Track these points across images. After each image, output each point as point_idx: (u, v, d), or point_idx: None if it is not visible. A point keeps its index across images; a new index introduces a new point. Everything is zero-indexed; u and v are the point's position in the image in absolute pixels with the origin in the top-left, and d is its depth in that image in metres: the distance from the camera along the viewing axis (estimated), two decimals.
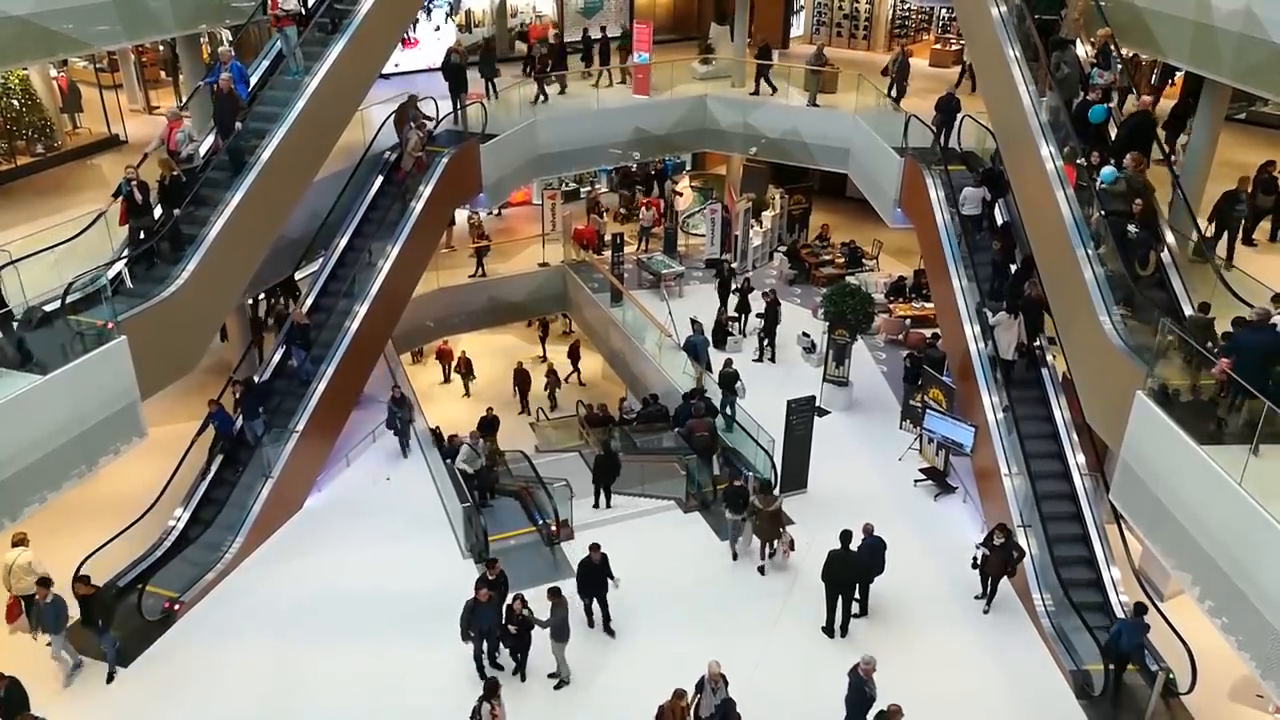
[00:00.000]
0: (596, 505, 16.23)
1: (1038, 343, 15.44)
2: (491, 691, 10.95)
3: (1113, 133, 14.01)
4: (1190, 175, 14.52)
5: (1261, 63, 12.22)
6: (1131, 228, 12.29)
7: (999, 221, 17.32)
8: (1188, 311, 11.63)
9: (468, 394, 23.52)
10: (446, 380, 24.35)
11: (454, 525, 15.18)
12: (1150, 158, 13.19)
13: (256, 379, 15.79)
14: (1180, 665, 11.69)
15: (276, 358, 16.34)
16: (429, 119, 18.92)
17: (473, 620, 12.10)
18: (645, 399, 19.46)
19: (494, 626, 12.20)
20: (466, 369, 23.65)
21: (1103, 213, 12.76)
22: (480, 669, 12.39)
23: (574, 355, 24.68)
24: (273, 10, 15.89)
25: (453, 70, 19.81)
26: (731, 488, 15.09)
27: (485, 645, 12.37)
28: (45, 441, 10.70)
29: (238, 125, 14.34)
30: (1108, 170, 12.90)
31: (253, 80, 16.01)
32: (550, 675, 12.38)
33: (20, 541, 12.37)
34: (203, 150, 14.65)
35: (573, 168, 24.56)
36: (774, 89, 23.15)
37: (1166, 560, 10.47)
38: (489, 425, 18.56)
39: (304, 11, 16.23)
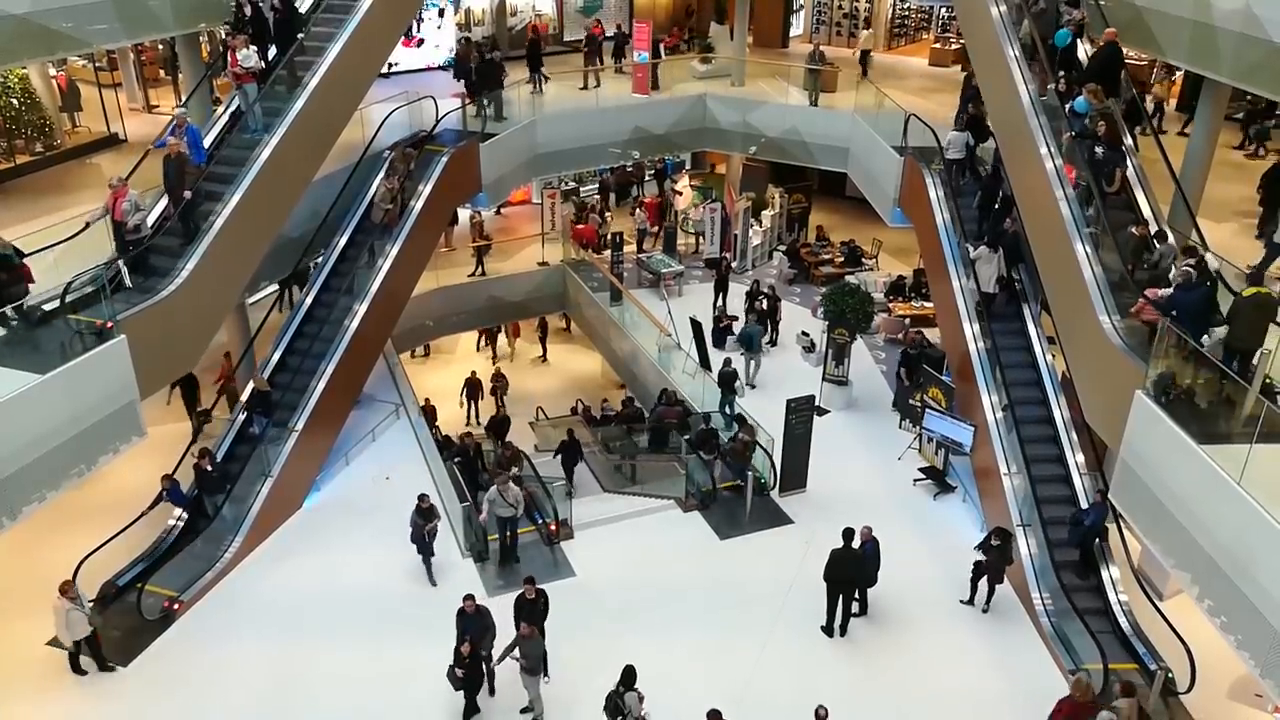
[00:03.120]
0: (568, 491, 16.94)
1: (1016, 276, 16.03)
2: (629, 680, 10.78)
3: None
4: (1190, 175, 14.55)
5: (1260, 62, 12.23)
6: (1098, 149, 13.25)
7: (980, 164, 17.69)
8: (1153, 229, 12.64)
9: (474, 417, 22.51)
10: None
11: (454, 525, 15.17)
12: (1119, 86, 14.16)
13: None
14: (1180, 665, 11.69)
15: (236, 426, 15.43)
16: (410, 172, 17.92)
17: (463, 630, 11.64)
18: (623, 401, 19.78)
19: (482, 638, 11.71)
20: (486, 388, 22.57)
21: (1073, 134, 13.64)
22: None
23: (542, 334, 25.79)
24: (232, 67, 15.19)
25: (487, 67, 19.70)
26: (704, 430, 16.44)
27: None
28: (45, 440, 10.70)
29: (187, 194, 13.44)
30: (1081, 100, 13.62)
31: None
32: (523, 710, 11.90)
33: (62, 591, 11.94)
34: (151, 219, 13.60)
35: (572, 167, 24.59)
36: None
37: (1166, 559, 10.47)
38: (500, 426, 18.54)
39: (265, 65, 15.49)
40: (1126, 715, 10.64)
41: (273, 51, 15.90)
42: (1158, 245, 12.20)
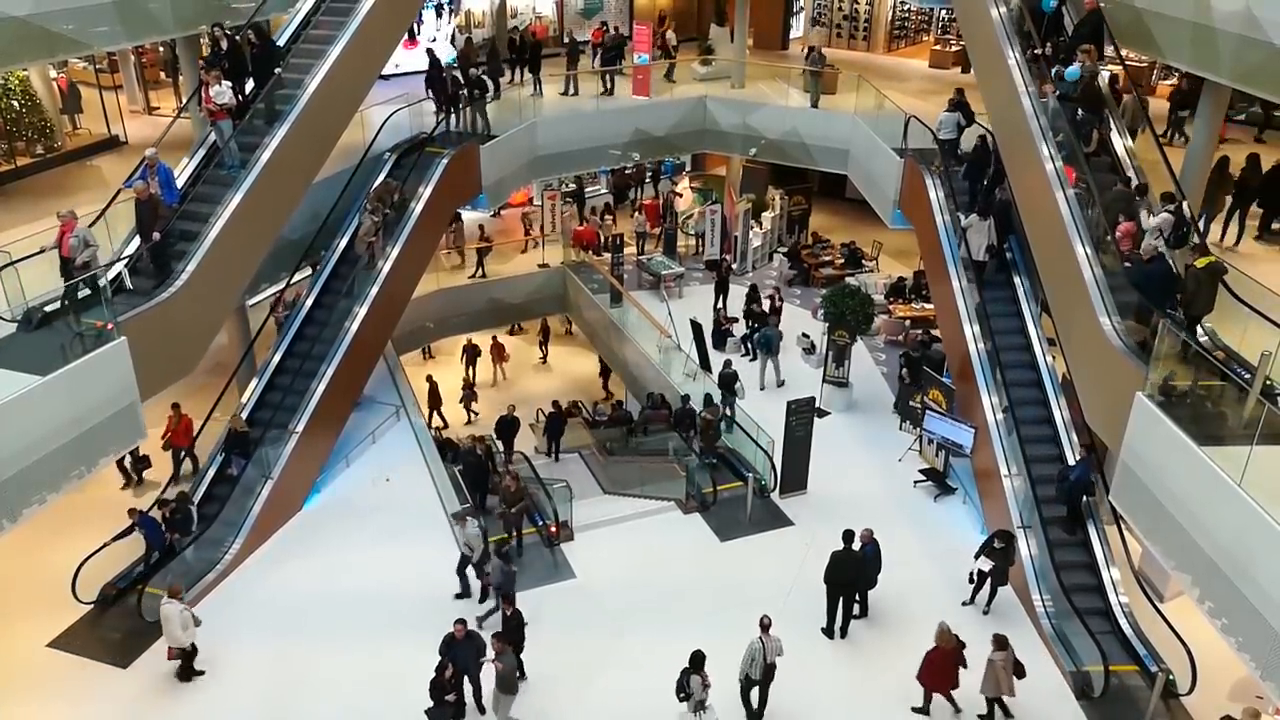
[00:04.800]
0: (550, 455, 18.87)
1: (1007, 247, 16.46)
2: (698, 663, 10.94)
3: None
4: (1190, 175, 14.55)
5: (1261, 64, 12.23)
6: (1079, 111, 14.03)
7: (970, 144, 17.94)
8: (1134, 181, 13.43)
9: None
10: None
11: (453, 525, 15.17)
12: (1104, 50, 14.91)
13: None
14: (1180, 666, 11.70)
15: (214, 468, 15.11)
16: (393, 205, 17.27)
17: (452, 658, 11.49)
18: (613, 405, 19.93)
19: (472, 664, 11.55)
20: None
21: (1056, 94, 14.31)
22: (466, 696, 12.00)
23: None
24: (206, 104, 14.71)
25: (476, 81, 19.45)
26: (681, 409, 17.42)
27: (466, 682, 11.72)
28: (45, 442, 10.68)
29: (156, 235, 12.99)
30: (1073, 68, 14.14)
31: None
32: None
33: (174, 595, 12.14)
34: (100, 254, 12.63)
35: (572, 169, 24.58)
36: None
37: (1166, 561, 10.47)
38: (508, 426, 18.50)
39: (241, 99, 15.05)
40: (1002, 665, 11.45)
41: (251, 86, 15.39)
42: (1138, 199, 12.81)
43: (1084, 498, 13.54)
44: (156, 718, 11.91)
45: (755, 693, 11.76)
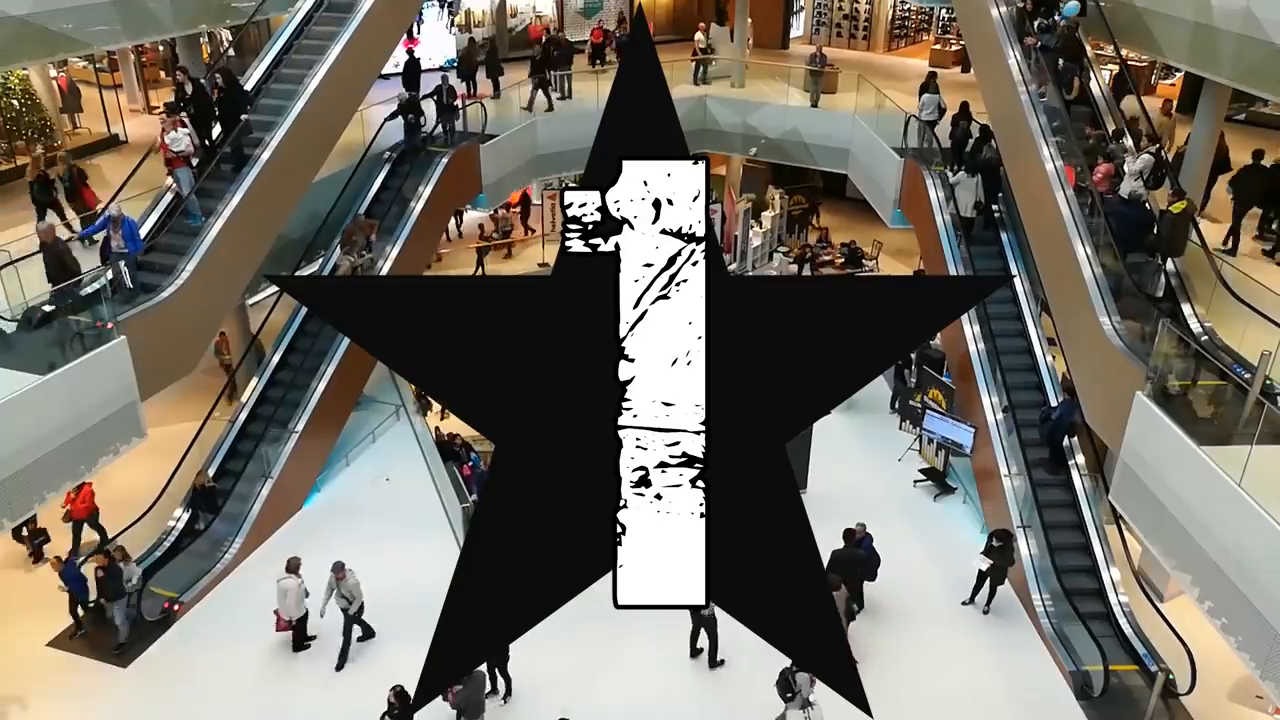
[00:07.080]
0: None
1: (995, 206, 16.93)
2: None
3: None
4: (1189, 174, 14.56)
5: (1260, 63, 12.24)
6: (1061, 61, 14.86)
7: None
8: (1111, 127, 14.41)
9: None
10: None
11: (453, 525, 15.17)
12: (1086, 10, 15.33)
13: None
14: (1180, 666, 11.70)
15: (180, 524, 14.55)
16: (369, 245, 16.51)
17: None
18: None
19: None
20: None
21: (1039, 46, 15.09)
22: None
23: None
24: (163, 153, 13.78)
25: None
26: None
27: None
28: (45, 441, 10.69)
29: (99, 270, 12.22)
30: (1072, 4, 14.93)
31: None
32: None
33: (293, 569, 12.42)
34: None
35: (572, 168, 24.53)
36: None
37: (1166, 561, 10.47)
38: None
39: (206, 144, 14.35)
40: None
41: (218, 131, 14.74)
42: (1112, 145, 13.62)
43: (1065, 438, 13.97)
44: (155, 717, 11.91)
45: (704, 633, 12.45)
